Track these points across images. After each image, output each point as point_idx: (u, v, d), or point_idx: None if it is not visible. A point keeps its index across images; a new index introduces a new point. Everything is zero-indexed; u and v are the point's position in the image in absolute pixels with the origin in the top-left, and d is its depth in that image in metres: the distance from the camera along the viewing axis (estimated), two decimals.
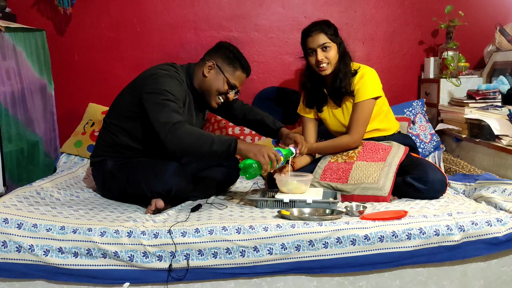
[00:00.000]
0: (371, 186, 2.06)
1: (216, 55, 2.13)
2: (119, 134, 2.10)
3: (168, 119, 1.86)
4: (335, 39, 2.23)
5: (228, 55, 2.11)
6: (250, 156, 1.90)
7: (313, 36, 2.20)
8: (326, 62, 2.21)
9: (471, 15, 2.91)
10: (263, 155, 1.88)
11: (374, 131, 2.33)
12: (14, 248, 1.67)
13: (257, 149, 1.90)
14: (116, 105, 2.14)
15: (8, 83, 2.38)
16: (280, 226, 1.72)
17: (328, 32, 2.20)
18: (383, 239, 1.71)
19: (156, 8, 2.93)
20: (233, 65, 2.11)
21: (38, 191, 2.03)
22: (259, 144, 1.95)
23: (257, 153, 1.89)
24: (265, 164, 1.88)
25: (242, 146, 1.90)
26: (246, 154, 1.90)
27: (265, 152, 1.89)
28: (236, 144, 1.89)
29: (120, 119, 2.10)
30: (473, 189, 2.12)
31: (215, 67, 2.10)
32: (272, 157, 1.89)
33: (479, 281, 1.80)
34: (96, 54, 2.94)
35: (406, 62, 3.07)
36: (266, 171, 1.90)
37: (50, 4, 2.85)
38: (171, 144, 1.86)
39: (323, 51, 2.20)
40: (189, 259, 1.69)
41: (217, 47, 2.17)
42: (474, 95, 2.61)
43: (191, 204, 2.08)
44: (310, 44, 2.21)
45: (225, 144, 1.87)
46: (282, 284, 1.74)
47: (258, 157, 1.88)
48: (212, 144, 1.86)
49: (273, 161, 1.90)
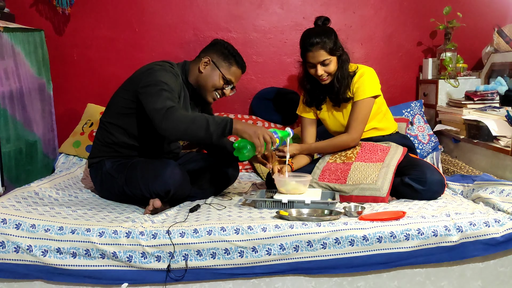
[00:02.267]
0: (369, 187, 2.06)
1: (212, 51, 2.15)
2: (116, 132, 2.10)
3: (162, 105, 1.86)
4: (335, 52, 2.18)
5: (223, 51, 2.14)
6: (245, 137, 1.88)
7: (313, 52, 2.15)
8: (326, 75, 2.21)
9: (469, 17, 2.92)
10: (258, 136, 1.86)
11: (372, 130, 2.34)
12: (12, 249, 1.67)
13: (253, 131, 1.87)
14: (112, 103, 2.15)
15: (6, 83, 2.37)
16: (279, 226, 1.72)
17: (328, 46, 2.15)
18: (381, 239, 1.71)
19: (155, 8, 2.93)
20: (228, 61, 2.13)
21: (37, 191, 2.03)
22: (255, 125, 1.91)
23: (252, 135, 1.86)
24: (260, 146, 1.86)
25: (238, 126, 1.88)
26: (242, 135, 1.88)
27: (260, 134, 1.87)
28: (232, 124, 1.87)
29: (116, 116, 2.10)
30: (471, 190, 2.13)
31: (210, 63, 2.12)
32: (267, 139, 1.87)
33: (477, 281, 1.81)
34: (95, 54, 2.94)
35: (405, 63, 3.08)
36: (260, 153, 1.88)
37: (48, 4, 2.85)
38: (166, 129, 1.85)
39: (323, 66, 2.19)
40: (187, 259, 1.69)
41: (212, 44, 2.19)
42: (472, 96, 2.62)
43: (189, 204, 2.07)
44: (309, 59, 2.19)
45: (221, 125, 1.86)
46: (281, 284, 1.74)
47: (253, 138, 1.86)
48: (207, 126, 1.84)
49: (268, 143, 1.88)
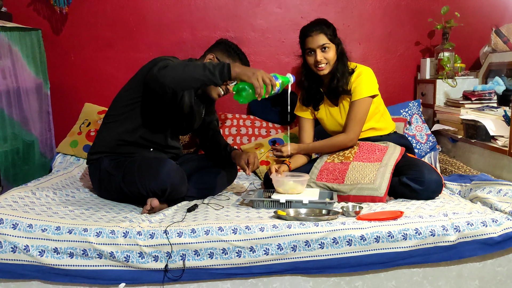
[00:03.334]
0: (367, 187, 2.06)
1: (216, 49, 2.20)
2: (119, 127, 2.11)
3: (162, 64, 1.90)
4: (334, 40, 2.24)
5: (227, 49, 2.19)
6: (245, 79, 1.84)
7: (313, 37, 2.20)
8: (325, 62, 2.22)
9: (467, 16, 2.92)
10: (257, 78, 1.82)
11: (370, 130, 2.34)
12: (9, 249, 1.66)
13: (252, 72, 1.84)
14: (116, 100, 2.18)
15: (3, 82, 2.37)
16: (277, 226, 1.72)
17: (328, 33, 2.22)
18: (379, 239, 1.71)
19: (153, 8, 2.92)
20: (232, 58, 2.16)
21: (34, 191, 2.02)
22: (254, 68, 1.88)
23: (251, 76, 1.83)
24: (259, 87, 1.82)
25: (237, 68, 1.86)
26: (241, 77, 1.85)
27: (259, 75, 1.83)
28: (230, 66, 1.85)
29: (119, 109, 2.13)
30: (469, 189, 2.13)
31: (215, 59, 2.16)
32: (266, 81, 1.83)
33: (475, 281, 1.81)
34: (92, 54, 2.93)
35: (403, 63, 3.08)
36: (260, 95, 1.83)
37: (46, 4, 2.84)
38: (163, 76, 1.84)
39: (322, 52, 2.21)
40: (185, 259, 1.69)
41: (217, 43, 2.26)
42: (470, 96, 2.62)
43: (187, 204, 2.07)
44: (309, 44, 2.22)
45: (219, 65, 1.85)
46: (278, 284, 1.74)
47: (252, 79, 1.82)
48: (204, 66, 1.85)
49: (268, 85, 1.84)
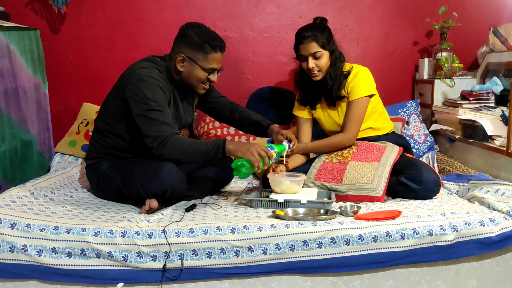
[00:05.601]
0: (365, 186, 2.07)
1: (183, 46, 2.03)
2: (112, 136, 2.09)
3: (157, 133, 1.87)
4: (327, 46, 2.21)
5: (194, 42, 2.00)
6: (240, 156, 1.88)
7: (304, 44, 2.18)
8: (317, 69, 2.22)
9: (465, 17, 2.93)
10: (252, 153, 1.86)
11: (368, 130, 2.34)
12: (7, 248, 1.66)
13: (246, 148, 1.87)
14: (104, 109, 2.13)
15: (1, 82, 2.36)
16: (275, 226, 1.72)
17: (320, 40, 2.18)
18: (377, 239, 1.72)
19: (151, 7, 2.92)
20: (202, 51, 2.00)
21: (32, 191, 2.02)
22: (248, 143, 1.91)
23: (245, 152, 1.87)
24: (256, 161, 1.87)
25: (231, 146, 1.89)
26: (236, 154, 1.89)
27: (254, 150, 1.87)
28: (224, 146, 1.88)
29: (110, 124, 2.09)
30: (467, 189, 2.13)
31: (186, 59, 2.02)
32: (262, 154, 1.88)
33: (472, 280, 1.81)
34: (91, 53, 2.93)
35: (401, 63, 3.08)
36: (259, 168, 1.88)
37: (44, 3, 2.84)
38: (161, 155, 1.90)
39: (314, 59, 2.20)
40: (183, 259, 1.69)
41: (181, 35, 2.06)
42: (468, 96, 2.62)
43: (185, 204, 2.07)
44: (301, 51, 2.21)
45: (213, 150, 1.88)
46: (276, 284, 1.75)
47: (248, 156, 1.87)
48: (200, 155, 1.88)
49: (264, 158, 1.88)
